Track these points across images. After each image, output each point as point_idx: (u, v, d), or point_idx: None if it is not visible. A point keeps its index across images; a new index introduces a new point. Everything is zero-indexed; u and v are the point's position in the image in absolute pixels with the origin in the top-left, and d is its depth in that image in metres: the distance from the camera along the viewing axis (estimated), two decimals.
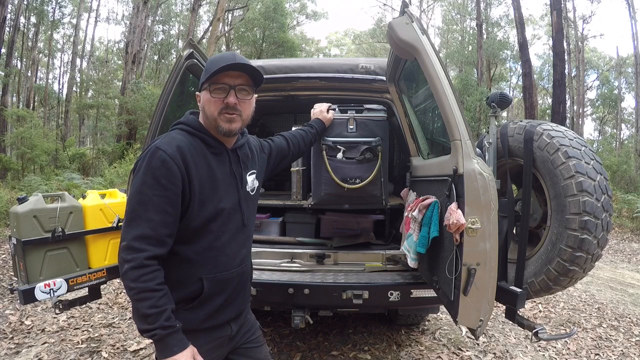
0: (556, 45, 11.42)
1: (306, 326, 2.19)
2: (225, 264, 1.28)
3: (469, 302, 1.44)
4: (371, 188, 2.32)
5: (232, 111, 1.23)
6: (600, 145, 20.42)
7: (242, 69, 1.22)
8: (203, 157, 1.22)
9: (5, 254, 5.23)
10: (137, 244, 1.09)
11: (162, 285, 1.11)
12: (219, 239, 1.25)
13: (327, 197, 2.37)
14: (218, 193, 1.24)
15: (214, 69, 1.18)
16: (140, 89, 13.54)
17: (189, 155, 1.17)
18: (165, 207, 1.12)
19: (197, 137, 1.24)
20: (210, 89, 1.22)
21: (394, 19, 1.62)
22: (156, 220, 1.11)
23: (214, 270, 1.24)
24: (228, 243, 1.27)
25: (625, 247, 7.68)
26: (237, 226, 1.30)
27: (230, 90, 1.22)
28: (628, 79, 24.26)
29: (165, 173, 1.12)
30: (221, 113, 1.22)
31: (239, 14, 22.50)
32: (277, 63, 2.72)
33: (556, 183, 1.58)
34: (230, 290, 1.30)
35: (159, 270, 1.11)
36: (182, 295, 1.20)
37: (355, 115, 2.35)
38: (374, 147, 2.32)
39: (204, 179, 1.20)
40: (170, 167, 1.12)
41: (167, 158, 1.12)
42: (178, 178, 1.14)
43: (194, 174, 1.17)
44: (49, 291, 1.86)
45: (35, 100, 21.11)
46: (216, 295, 1.25)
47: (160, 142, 1.17)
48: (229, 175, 1.28)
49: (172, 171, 1.13)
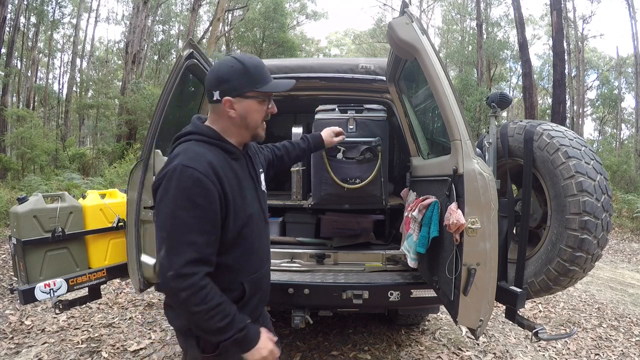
0: (556, 45, 11.42)
1: (306, 326, 2.19)
2: (258, 264, 1.31)
3: (469, 302, 1.44)
4: (371, 188, 2.32)
5: (268, 119, 1.27)
6: (600, 145, 20.41)
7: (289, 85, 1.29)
8: (229, 166, 1.19)
9: (5, 254, 5.23)
10: (187, 269, 1.04)
11: (221, 295, 1.11)
12: (252, 243, 1.26)
13: (327, 197, 2.38)
14: (246, 200, 1.23)
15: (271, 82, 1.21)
16: (140, 89, 13.53)
17: (220, 168, 1.13)
18: (205, 227, 1.08)
19: (217, 147, 1.19)
20: (259, 100, 1.21)
21: (394, 19, 1.62)
22: (199, 242, 1.07)
23: (251, 273, 1.27)
24: (258, 244, 1.30)
25: (625, 247, 7.68)
26: (261, 226, 1.33)
27: (270, 99, 1.25)
28: (628, 79, 24.25)
29: (201, 192, 1.07)
30: (262, 121, 1.25)
31: (239, 14, 22.49)
32: (277, 63, 2.72)
33: (556, 183, 1.58)
34: (263, 288, 1.36)
35: (213, 284, 1.10)
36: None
37: (355, 115, 2.34)
38: (374, 147, 2.31)
39: (235, 189, 1.18)
40: (205, 186, 1.07)
41: (201, 176, 1.07)
42: (214, 196, 1.09)
43: (227, 187, 1.14)
44: (49, 291, 1.86)
45: (35, 100, 21.10)
46: (253, 295, 1.29)
47: (186, 159, 1.10)
48: (249, 179, 1.29)
49: (208, 189, 1.08)
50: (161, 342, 2.96)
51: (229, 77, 1.17)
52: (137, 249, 2.02)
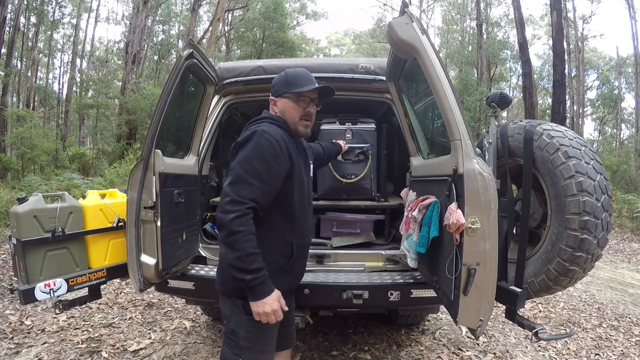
0: (556, 45, 11.42)
1: (306, 326, 2.19)
2: (306, 232, 1.61)
3: (469, 302, 1.44)
4: (363, 182, 2.88)
5: (309, 118, 1.57)
6: (600, 145, 20.42)
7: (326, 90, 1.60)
8: (292, 144, 1.51)
9: (5, 254, 5.23)
10: (239, 198, 1.32)
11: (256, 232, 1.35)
12: (304, 212, 1.56)
13: (329, 189, 2.91)
14: (302, 173, 1.55)
15: (305, 85, 1.52)
16: (140, 89, 13.52)
17: (287, 142, 1.47)
18: (266, 178, 1.37)
19: (284, 130, 1.52)
20: (297, 100, 1.54)
21: (394, 19, 1.62)
22: (257, 186, 1.35)
23: (300, 237, 1.55)
24: (308, 215, 1.61)
25: (625, 247, 7.68)
26: (309, 202, 1.62)
27: (311, 102, 1.57)
28: (628, 79, 24.24)
29: (271, 152, 1.39)
30: (301, 119, 1.55)
31: (239, 14, 22.49)
32: (277, 63, 2.72)
33: (556, 183, 1.58)
34: (305, 257, 1.62)
35: (254, 220, 1.35)
36: (276, 257, 1.48)
37: (351, 126, 2.94)
38: (366, 151, 2.90)
39: (295, 160, 1.49)
40: (275, 148, 1.39)
41: (273, 140, 1.40)
42: (280, 158, 1.41)
43: (293, 156, 1.47)
44: (49, 291, 1.86)
45: (35, 100, 21.10)
46: (298, 259, 1.55)
47: (266, 128, 1.44)
48: (303, 161, 1.59)
49: (276, 151, 1.40)
50: (161, 342, 2.96)
51: (275, 83, 1.59)
52: (137, 249, 2.02)
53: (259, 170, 1.36)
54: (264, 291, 1.33)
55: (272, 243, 1.45)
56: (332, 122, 3.00)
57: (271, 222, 1.45)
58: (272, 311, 1.34)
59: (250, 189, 1.34)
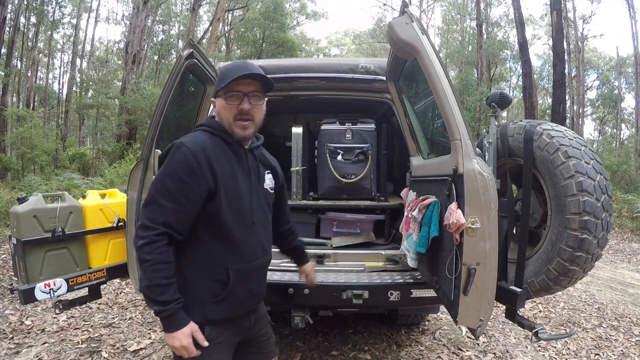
0: (556, 45, 11.42)
1: (306, 326, 2.19)
2: (249, 255, 1.36)
3: (469, 302, 1.44)
4: (363, 182, 2.90)
5: (246, 117, 1.32)
6: (600, 145, 20.40)
7: (254, 77, 1.31)
8: (224, 155, 1.32)
9: (5, 254, 5.23)
10: (149, 223, 1.20)
11: (172, 260, 1.23)
12: (244, 233, 1.33)
13: (329, 189, 2.94)
14: (239, 188, 1.33)
15: (229, 78, 1.27)
16: (140, 89, 13.51)
17: (212, 153, 1.28)
18: (179, 197, 1.22)
19: (218, 137, 1.33)
20: (226, 97, 1.31)
21: (394, 19, 1.62)
22: (169, 207, 1.22)
23: (239, 261, 1.33)
24: (251, 235, 1.36)
25: (625, 247, 7.68)
26: (255, 219, 1.38)
27: (244, 97, 1.31)
28: (628, 79, 24.22)
29: (185, 167, 1.22)
30: (236, 119, 1.31)
31: (239, 14, 22.48)
32: (277, 63, 2.73)
33: (556, 183, 1.58)
34: (253, 282, 1.39)
35: (168, 246, 1.22)
36: (211, 285, 1.30)
37: (351, 126, 2.95)
38: (365, 151, 2.91)
39: (227, 174, 1.30)
40: (190, 163, 1.23)
41: (189, 154, 1.23)
42: (196, 174, 1.23)
43: (218, 169, 1.27)
44: (49, 291, 1.86)
45: (35, 100, 21.09)
46: (240, 285, 1.33)
47: (186, 140, 1.28)
48: (245, 173, 1.37)
49: (191, 166, 1.23)
50: (161, 342, 2.96)
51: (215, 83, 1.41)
52: None
53: (171, 190, 1.22)
54: (172, 324, 1.21)
55: (205, 268, 1.30)
56: (332, 122, 3.01)
57: (201, 246, 1.30)
58: (180, 347, 1.21)
59: (162, 211, 1.21)
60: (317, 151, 3.26)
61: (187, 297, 1.25)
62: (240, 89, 1.30)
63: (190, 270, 1.29)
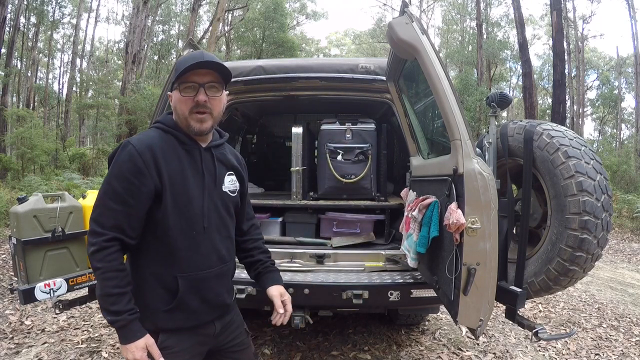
0: (556, 45, 11.41)
1: (306, 326, 2.19)
2: (201, 264, 1.26)
3: (469, 302, 1.44)
4: (363, 182, 2.90)
5: (203, 109, 1.23)
6: (600, 145, 20.42)
7: (209, 67, 1.22)
8: (175, 154, 1.24)
9: (5, 254, 5.23)
10: (98, 228, 1.15)
11: (124, 268, 1.18)
12: (193, 237, 1.24)
13: (329, 189, 2.94)
14: (190, 191, 1.24)
15: (182, 68, 1.19)
16: (140, 89, 13.51)
17: (160, 152, 1.20)
18: (126, 198, 1.16)
19: (171, 135, 1.26)
20: (180, 88, 1.23)
21: (394, 19, 1.62)
22: (117, 209, 1.16)
23: (188, 269, 1.24)
24: (203, 241, 1.26)
25: (625, 247, 7.68)
26: (212, 225, 1.28)
27: (200, 88, 1.22)
28: (628, 79, 24.22)
29: (130, 167, 1.16)
30: (192, 112, 1.22)
31: (239, 14, 22.48)
32: (277, 63, 2.72)
33: (556, 183, 1.58)
34: (209, 292, 1.29)
35: (119, 252, 1.17)
36: (160, 293, 1.23)
37: (351, 126, 2.95)
38: (365, 151, 2.91)
39: (175, 175, 1.22)
40: (135, 162, 1.16)
41: (135, 153, 1.17)
42: (143, 173, 1.17)
43: (164, 170, 1.19)
44: (49, 291, 1.86)
45: (35, 100, 21.09)
46: (192, 295, 1.24)
47: (133, 138, 1.22)
48: (198, 173, 1.27)
49: (137, 166, 1.16)
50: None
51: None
52: None
53: (117, 192, 1.15)
54: (126, 336, 1.14)
55: (153, 275, 1.22)
56: (332, 122, 3.01)
57: (149, 251, 1.23)
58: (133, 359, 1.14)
59: (111, 214, 1.15)
60: (317, 151, 3.26)
61: (139, 303, 1.19)
62: (196, 79, 1.21)
63: (139, 277, 1.23)
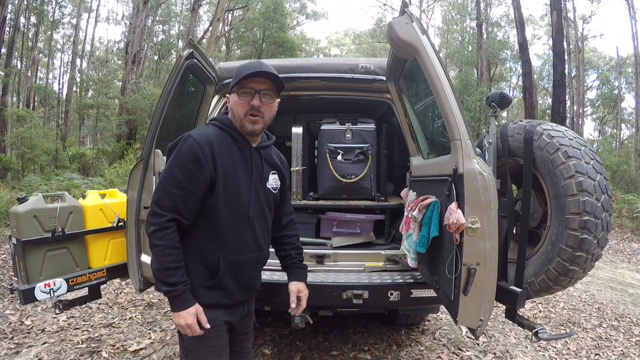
0: (556, 45, 11.42)
1: (306, 326, 2.19)
2: (241, 248, 1.43)
3: (469, 302, 1.44)
4: (363, 182, 2.91)
5: (256, 113, 1.39)
6: (600, 145, 20.40)
7: (266, 76, 1.39)
8: (229, 149, 1.40)
9: (5, 254, 5.23)
10: (159, 210, 1.31)
11: (179, 245, 1.33)
12: (238, 227, 1.41)
13: (329, 189, 2.95)
14: (240, 183, 1.40)
15: (242, 75, 1.36)
16: (140, 89, 13.51)
17: (217, 146, 1.36)
18: (185, 185, 1.32)
19: (226, 132, 1.42)
20: (238, 92, 1.39)
21: (394, 19, 1.62)
22: (177, 194, 1.31)
23: (231, 252, 1.40)
24: (246, 229, 1.43)
25: (625, 247, 7.68)
26: (252, 215, 1.44)
27: (256, 94, 1.39)
28: (628, 79, 24.22)
29: (191, 157, 1.31)
30: (246, 114, 1.39)
31: (239, 14, 22.48)
32: (277, 63, 2.72)
33: (556, 183, 1.58)
34: (244, 275, 1.45)
35: (176, 232, 1.32)
36: (202, 270, 1.39)
37: (351, 126, 2.95)
38: (365, 151, 2.91)
39: (229, 168, 1.38)
40: (196, 153, 1.31)
41: (195, 145, 1.32)
42: (202, 164, 1.32)
43: (220, 162, 1.35)
44: (49, 291, 1.86)
45: (35, 100, 21.08)
46: (229, 276, 1.41)
47: (194, 132, 1.38)
48: (248, 169, 1.43)
49: (197, 156, 1.31)
50: (161, 342, 2.96)
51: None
52: (137, 248, 2.02)
53: (179, 178, 1.31)
54: (179, 304, 1.31)
55: (199, 253, 1.38)
56: (332, 122, 3.02)
57: (197, 232, 1.38)
58: (185, 325, 1.30)
59: (171, 198, 1.31)
60: (317, 151, 3.26)
61: None
62: (253, 86, 1.38)
63: (186, 255, 1.35)
